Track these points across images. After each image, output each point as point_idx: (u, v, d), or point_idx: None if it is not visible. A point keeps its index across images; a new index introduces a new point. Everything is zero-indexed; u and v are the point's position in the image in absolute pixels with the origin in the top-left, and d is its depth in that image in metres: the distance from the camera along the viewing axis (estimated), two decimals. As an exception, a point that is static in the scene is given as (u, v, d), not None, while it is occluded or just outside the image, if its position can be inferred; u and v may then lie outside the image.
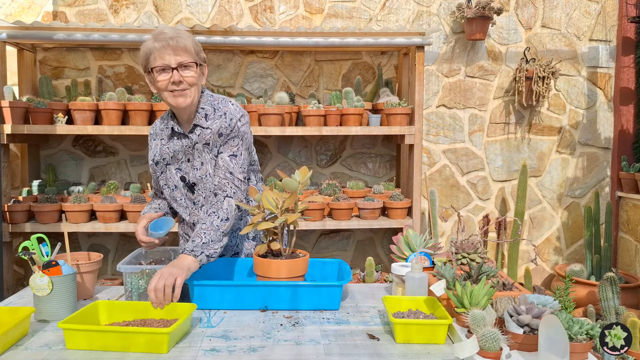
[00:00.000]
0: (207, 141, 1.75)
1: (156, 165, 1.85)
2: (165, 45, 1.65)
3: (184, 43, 1.67)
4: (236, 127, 1.75)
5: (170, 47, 1.65)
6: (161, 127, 1.86)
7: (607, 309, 2.62)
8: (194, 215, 1.84)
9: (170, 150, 1.80)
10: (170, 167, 1.82)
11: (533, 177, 3.83)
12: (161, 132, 1.85)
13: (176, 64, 1.66)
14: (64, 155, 3.55)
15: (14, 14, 3.46)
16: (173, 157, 1.81)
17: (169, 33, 1.67)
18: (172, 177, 1.82)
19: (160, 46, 1.65)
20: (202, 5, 3.54)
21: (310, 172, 1.69)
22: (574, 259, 3.90)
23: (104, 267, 3.62)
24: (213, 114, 1.76)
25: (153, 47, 1.66)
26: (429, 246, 1.84)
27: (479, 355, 1.21)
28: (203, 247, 1.60)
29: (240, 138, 1.76)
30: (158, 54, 1.66)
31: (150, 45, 1.67)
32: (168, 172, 1.82)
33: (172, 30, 1.69)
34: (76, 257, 1.79)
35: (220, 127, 1.74)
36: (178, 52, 1.66)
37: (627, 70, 3.73)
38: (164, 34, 1.67)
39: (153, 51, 1.67)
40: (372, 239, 3.78)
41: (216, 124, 1.74)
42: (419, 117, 3.23)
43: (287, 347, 1.35)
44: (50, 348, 1.33)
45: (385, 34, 3.19)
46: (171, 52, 1.66)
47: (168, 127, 1.82)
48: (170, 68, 1.67)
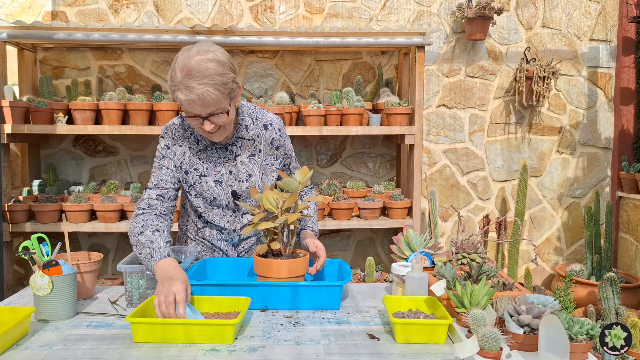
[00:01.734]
0: (253, 152, 1.79)
1: (186, 175, 1.77)
2: (191, 101, 1.55)
3: (212, 97, 1.54)
4: (284, 133, 1.86)
5: (197, 104, 1.56)
6: (184, 134, 1.77)
7: (607, 309, 2.62)
8: (234, 222, 1.87)
9: (204, 161, 1.76)
10: (207, 179, 1.77)
11: (533, 177, 3.83)
12: (186, 140, 1.77)
13: (206, 114, 1.59)
14: (64, 155, 3.56)
15: (14, 14, 3.46)
16: (209, 169, 1.76)
17: (196, 89, 1.53)
18: (210, 189, 1.77)
19: (188, 100, 1.55)
20: (202, 5, 3.54)
21: (310, 172, 1.69)
22: (574, 259, 3.90)
23: (104, 266, 3.62)
24: (253, 124, 1.80)
25: (179, 99, 1.57)
26: (429, 246, 1.84)
27: (479, 355, 1.21)
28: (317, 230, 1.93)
29: (289, 141, 1.90)
30: (186, 107, 1.58)
31: (177, 93, 1.57)
32: (204, 184, 1.77)
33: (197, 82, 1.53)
34: (76, 257, 1.79)
35: (273, 139, 1.82)
36: (207, 106, 1.56)
37: (628, 70, 3.73)
38: (188, 88, 1.54)
39: (181, 100, 1.57)
40: (372, 239, 3.78)
41: (263, 135, 1.80)
42: (419, 117, 3.23)
43: (287, 347, 1.35)
44: (51, 348, 1.34)
45: (386, 34, 3.19)
46: (199, 107, 1.56)
47: (193, 135, 1.77)
48: (201, 117, 1.59)
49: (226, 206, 1.84)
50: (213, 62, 1.56)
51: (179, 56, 1.59)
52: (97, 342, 1.37)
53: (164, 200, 1.76)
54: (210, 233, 1.91)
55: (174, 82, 1.58)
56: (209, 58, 1.56)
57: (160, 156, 1.78)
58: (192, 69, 1.54)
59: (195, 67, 1.54)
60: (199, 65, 1.54)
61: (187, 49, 1.60)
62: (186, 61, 1.56)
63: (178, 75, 1.56)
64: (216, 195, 1.79)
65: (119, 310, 1.62)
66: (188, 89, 1.54)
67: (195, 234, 1.94)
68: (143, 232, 1.64)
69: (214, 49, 1.60)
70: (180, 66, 1.56)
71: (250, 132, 1.78)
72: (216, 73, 1.55)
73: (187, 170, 1.77)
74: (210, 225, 1.90)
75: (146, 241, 1.62)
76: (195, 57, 1.56)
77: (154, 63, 3.55)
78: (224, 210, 1.85)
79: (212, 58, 1.56)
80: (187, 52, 1.59)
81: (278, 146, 1.83)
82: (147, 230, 1.65)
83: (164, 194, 1.76)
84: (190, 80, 1.54)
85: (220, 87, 1.56)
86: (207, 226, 1.91)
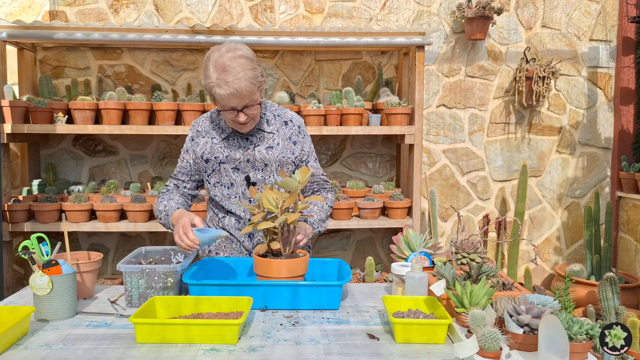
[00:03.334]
0: (271, 145, 1.91)
1: (206, 163, 1.91)
2: (230, 95, 1.70)
3: (247, 90, 1.71)
4: (303, 130, 1.98)
5: (235, 97, 1.71)
6: (211, 126, 1.93)
7: (607, 309, 2.62)
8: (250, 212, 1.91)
9: (225, 150, 1.89)
10: (225, 166, 1.90)
11: (533, 177, 3.83)
12: (211, 131, 1.92)
13: (241, 107, 1.75)
14: (64, 155, 3.56)
15: (14, 14, 3.46)
16: (228, 157, 1.89)
17: (233, 84, 1.68)
18: (227, 175, 1.90)
19: (226, 94, 1.70)
20: (202, 5, 3.54)
21: (310, 172, 1.69)
22: (574, 259, 3.90)
23: (104, 266, 3.62)
24: (274, 119, 1.94)
25: (219, 94, 1.71)
26: (429, 246, 1.84)
27: (478, 355, 1.21)
28: (319, 223, 1.93)
29: (309, 140, 1.99)
30: (224, 101, 1.73)
31: (216, 89, 1.71)
32: (223, 171, 1.90)
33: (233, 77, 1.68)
34: (76, 257, 1.79)
35: (291, 134, 1.94)
36: (243, 98, 1.72)
37: (628, 70, 3.73)
38: (227, 83, 1.68)
39: (219, 95, 1.71)
40: (372, 238, 3.78)
41: (283, 130, 1.93)
42: (419, 117, 3.23)
43: (287, 346, 1.35)
44: (50, 347, 1.34)
45: (386, 34, 3.19)
46: (236, 100, 1.72)
47: (218, 127, 1.91)
48: (237, 110, 1.75)
49: (242, 195, 1.93)
50: (243, 58, 1.72)
51: (211, 56, 1.73)
52: (97, 342, 1.37)
53: (179, 188, 1.99)
54: (229, 222, 1.99)
55: (210, 79, 1.72)
56: (239, 55, 1.72)
57: (185, 149, 1.96)
58: (227, 66, 1.69)
59: (229, 64, 1.69)
60: (232, 62, 1.69)
61: (217, 49, 1.74)
62: (219, 60, 1.70)
63: (213, 73, 1.71)
64: (233, 181, 1.91)
65: (118, 310, 1.62)
66: (226, 84, 1.69)
67: (217, 225, 2.02)
68: (161, 203, 1.93)
69: (241, 46, 1.76)
70: (214, 65, 1.71)
71: (271, 127, 1.92)
72: (248, 68, 1.71)
73: (207, 159, 1.91)
74: (230, 215, 1.98)
75: (162, 208, 1.90)
76: (227, 55, 1.71)
77: (153, 63, 3.55)
78: (240, 200, 1.93)
79: (242, 55, 1.72)
80: (218, 52, 1.73)
81: (296, 141, 1.95)
82: (164, 201, 1.93)
83: (179, 184, 1.99)
84: (227, 76, 1.69)
85: (253, 81, 1.72)
86: (227, 215, 1.99)
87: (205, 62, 1.74)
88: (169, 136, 3.58)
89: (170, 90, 3.56)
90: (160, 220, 1.93)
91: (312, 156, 2.01)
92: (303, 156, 1.97)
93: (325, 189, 2.05)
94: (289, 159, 1.93)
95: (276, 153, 1.91)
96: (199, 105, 3.13)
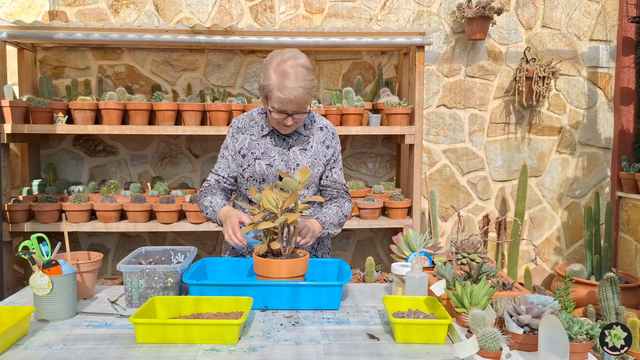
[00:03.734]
0: (305, 147, 1.98)
1: (243, 158, 1.98)
2: (287, 100, 1.78)
3: (303, 99, 1.80)
4: (336, 137, 2.06)
5: (292, 104, 1.80)
6: (250, 124, 2.01)
7: (607, 309, 2.62)
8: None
9: (261, 147, 1.97)
10: (260, 162, 1.96)
11: (533, 177, 3.83)
12: (250, 128, 2.00)
13: (292, 112, 1.83)
14: (64, 155, 3.56)
15: (14, 14, 3.46)
16: (264, 154, 1.96)
17: (293, 91, 1.77)
18: (261, 170, 1.95)
19: (285, 99, 1.78)
20: (202, 5, 3.54)
21: (310, 172, 1.69)
22: (574, 259, 3.90)
23: (104, 266, 3.62)
24: (310, 124, 2.02)
25: (277, 97, 1.79)
26: (429, 246, 1.84)
27: (479, 355, 1.21)
28: (330, 225, 1.95)
29: (339, 148, 2.06)
30: (279, 104, 1.80)
31: (275, 92, 1.79)
32: (257, 166, 1.96)
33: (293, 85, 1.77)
34: (76, 257, 1.79)
35: (325, 139, 2.02)
36: (297, 105, 1.81)
37: (628, 70, 3.73)
38: (287, 89, 1.77)
39: (276, 98, 1.79)
40: (372, 238, 3.78)
41: (317, 134, 2.01)
42: (419, 117, 3.23)
43: (287, 346, 1.35)
44: (50, 347, 1.34)
45: (386, 34, 3.19)
46: (291, 106, 1.80)
47: (258, 125, 1.99)
48: (287, 114, 1.84)
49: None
50: (304, 68, 1.81)
51: (272, 60, 1.82)
52: (97, 342, 1.37)
53: (220, 184, 2.05)
54: None
55: (270, 81, 1.80)
56: (300, 63, 1.81)
57: (225, 145, 2.04)
58: (288, 72, 1.78)
59: (290, 72, 1.78)
60: (294, 70, 1.79)
61: (279, 54, 1.83)
62: (281, 65, 1.80)
63: (273, 76, 1.79)
64: (265, 177, 1.97)
65: (118, 310, 1.62)
66: (286, 89, 1.78)
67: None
68: (205, 198, 1.99)
69: (302, 55, 1.84)
70: (275, 69, 1.80)
71: (307, 131, 2.01)
72: (308, 79, 1.81)
73: (244, 154, 1.98)
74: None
75: (208, 204, 1.97)
76: (289, 62, 1.80)
77: (153, 63, 3.55)
78: None
79: (303, 64, 1.81)
80: (280, 57, 1.81)
81: (329, 146, 2.02)
82: (208, 196, 2.00)
83: (219, 180, 2.04)
84: (287, 82, 1.78)
85: (310, 91, 1.82)
86: None
87: (265, 64, 1.84)
88: (169, 136, 3.58)
89: (170, 91, 3.56)
90: (206, 215, 2.00)
91: (339, 164, 2.07)
92: (332, 161, 2.04)
93: (344, 199, 2.07)
94: (320, 162, 2.00)
95: (309, 154, 1.98)
96: (199, 105, 3.13)
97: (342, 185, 2.06)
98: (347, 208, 2.05)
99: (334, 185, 2.04)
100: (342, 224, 2.04)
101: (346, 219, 2.05)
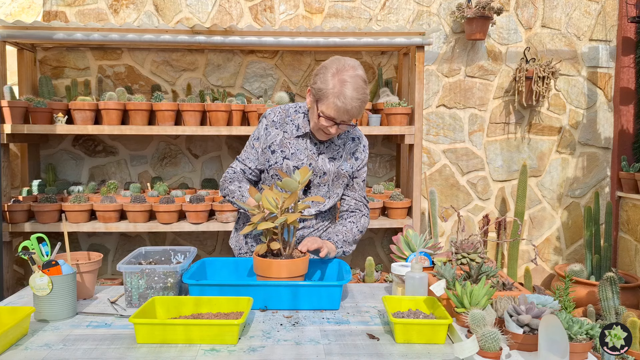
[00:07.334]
0: (334, 156, 1.96)
1: (272, 154, 1.94)
2: (342, 109, 1.77)
3: (356, 111, 1.79)
4: (367, 150, 2.04)
5: (344, 113, 1.78)
6: (285, 120, 1.96)
7: (607, 309, 2.62)
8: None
9: (292, 147, 1.94)
10: (288, 162, 1.93)
11: (533, 177, 3.83)
12: (285, 125, 1.96)
13: (341, 121, 1.82)
14: (64, 155, 3.56)
15: (14, 14, 3.46)
16: (293, 155, 1.94)
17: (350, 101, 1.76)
18: (287, 170, 1.93)
19: (340, 107, 1.77)
20: (202, 5, 3.54)
21: (310, 172, 1.69)
22: (574, 259, 3.90)
23: (104, 266, 3.62)
24: (344, 134, 2.00)
25: (333, 103, 1.77)
26: (429, 246, 1.84)
27: (479, 355, 1.21)
28: (343, 244, 1.93)
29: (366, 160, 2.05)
30: (330, 110, 1.79)
31: (332, 98, 1.77)
32: (284, 165, 1.93)
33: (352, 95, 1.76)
34: (76, 257, 1.79)
35: (355, 150, 2.01)
36: (350, 115, 1.80)
37: (627, 70, 3.73)
38: (345, 98, 1.76)
39: (331, 104, 1.77)
40: (372, 238, 3.78)
41: (349, 145, 1.99)
42: (419, 117, 3.23)
43: (287, 347, 1.35)
44: (50, 348, 1.34)
45: (386, 34, 3.19)
46: (342, 115, 1.79)
47: (294, 123, 1.95)
48: (335, 123, 1.82)
49: None
50: (362, 80, 1.80)
51: (332, 65, 1.80)
52: (96, 342, 1.37)
53: (245, 174, 2.01)
54: None
55: (327, 86, 1.78)
56: (359, 74, 1.80)
57: (256, 136, 1.98)
58: (348, 82, 1.77)
59: (350, 82, 1.77)
60: (354, 80, 1.77)
61: (337, 60, 1.82)
62: (342, 73, 1.78)
63: (332, 82, 1.78)
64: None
65: (118, 310, 1.62)
66: (345, 98, 1.76)
67: None
68: (232, 183, 1.95)
69: (361, 67, 1.83)
70: (334, 74, 1.78)
71: (339, 140, 1.99)
72: (365, 93, 1.81)
73: (274, 150, 1.95)
74: None
75: (235, 188, 1.93)
76: (349, 72, 1.78)
77: (153, 63, 3.55)
78: None
79: (361, 76, 1.80)
80: (341, 64, 1.80)
81: (357, 157, 2.01)
82: (235, 182, 1.96)
83: (245, 170, 2.00)
84: (347, 91, 1.76)
85: (364, 103, 1.81)
86: None
87: (322, 68, 1.82)
88: (169, 136, 3.57)
89: (170, 91, 3.56)
90: (232, 198, 1.95)
91: (363, 176, 2.05)
92: (356, 172, 2.02)
93: (362, 212, 2.05)
94: (346, 172, 1.99)
95: (337, 164, 1.97)
96: (199, 105, 3.13)
97: (362, 197, 2.05)
98: (362, 223, 2.02)
99: (353, 196, 2.03)
100: (357, 241, 2.01)
101: (362, 234, 2.03)
